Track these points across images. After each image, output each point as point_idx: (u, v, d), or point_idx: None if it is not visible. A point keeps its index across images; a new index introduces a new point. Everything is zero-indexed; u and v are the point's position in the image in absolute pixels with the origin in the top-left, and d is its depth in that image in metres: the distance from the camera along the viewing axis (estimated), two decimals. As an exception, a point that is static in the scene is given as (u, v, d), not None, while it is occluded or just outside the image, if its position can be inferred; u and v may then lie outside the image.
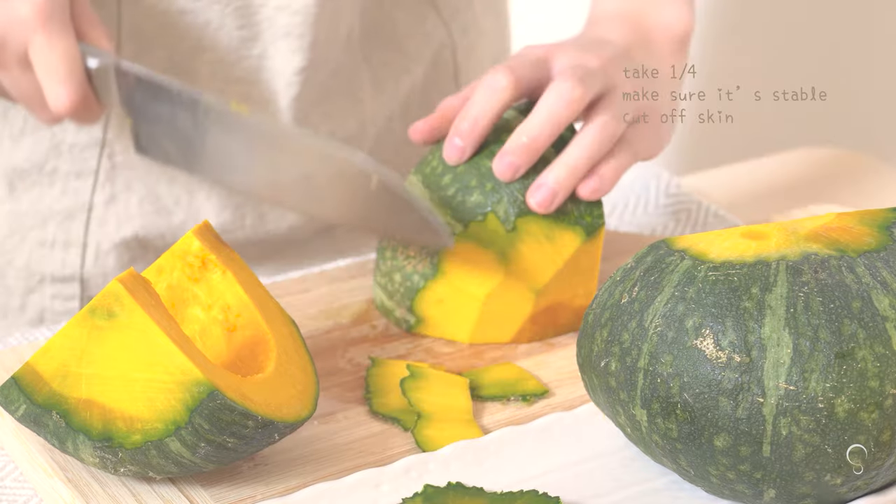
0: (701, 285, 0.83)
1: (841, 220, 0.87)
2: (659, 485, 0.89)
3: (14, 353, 1.01)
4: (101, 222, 1.20)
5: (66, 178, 1.18)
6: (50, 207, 1.19)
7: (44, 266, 1.21)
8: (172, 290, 0.93)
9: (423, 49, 1.27)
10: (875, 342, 0.80)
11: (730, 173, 1.39)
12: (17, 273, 1.21)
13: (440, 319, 1.05)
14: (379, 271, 1.07)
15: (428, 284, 1.04)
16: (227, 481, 0.90)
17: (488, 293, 1.03)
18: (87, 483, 0.89)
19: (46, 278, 1.21)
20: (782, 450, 0.81)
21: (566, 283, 1.05)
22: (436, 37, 1.28)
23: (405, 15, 1.25)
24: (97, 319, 0.85)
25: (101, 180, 1.19)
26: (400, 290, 1.05)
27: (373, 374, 1.00)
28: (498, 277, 1.03)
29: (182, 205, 1.20)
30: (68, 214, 1.19)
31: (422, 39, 1.27)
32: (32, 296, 1.22)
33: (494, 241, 1.02)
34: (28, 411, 0.85)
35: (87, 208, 1.19)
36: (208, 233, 0.94)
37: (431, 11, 1.27)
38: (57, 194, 1.19)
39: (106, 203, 1.19)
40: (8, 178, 1.18)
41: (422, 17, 1.26)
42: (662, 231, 1.24)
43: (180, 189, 1.20)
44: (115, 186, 1.19)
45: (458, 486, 0.87)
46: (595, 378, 0.87)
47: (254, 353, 0.92)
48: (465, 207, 1.02)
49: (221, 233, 1.22)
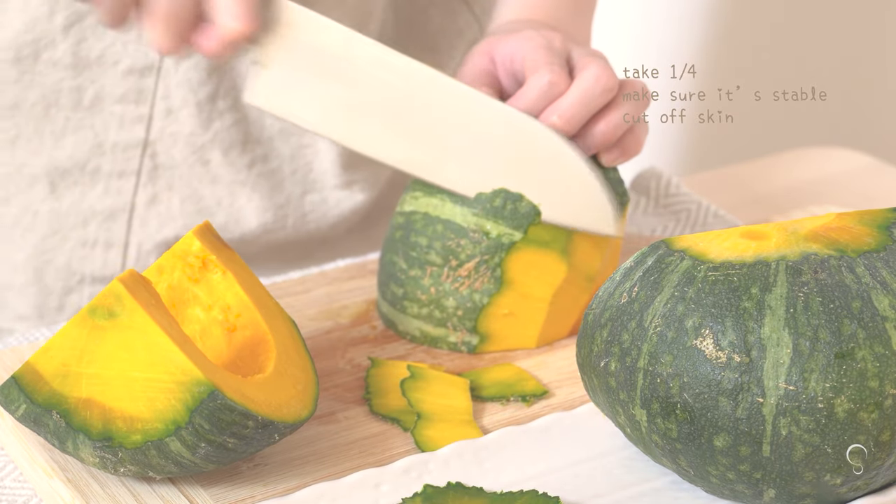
0: (701, 285, 0.83)
1: (841, 220, 0.87)
2: (659, 485, 0.89)
3: (14, 352, 1.01)
4: (142, 222, 1.19)
5: (108, 177, 1.18)
6: (92, 207, 1.19)
7: (84, 266, 1.20)
8: (173, 291, 0.93)
9: (455, 45, 1.27)
10: (875, 342, 0.80)
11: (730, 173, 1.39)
12: (56, 273, 1.21)
13: (507, 332, 1.04)
14: (416, 304, 1.04)
15: (493, 300, 1.03)
16: (226, 481, 0.90)
17: (554, 292, 1.03)
18: (86, 483, 0.89)
19: (86, 279, 1.21)
20: (782, 450, 0.81)
21: (608, 263, 1.06)
22: (468, 33, 1.28)
23: (438, 11, 1.25)
24: (98, 319, 0.85)
25: (143, 180, 1.18)
26: (456, 314, 1.03)
27: (372, 375, 1.00)
28: (561, 274, 1.03)
29: (224, 206, 1.20)
30: (110, 214, 1.19)
31: (454, 36, 1.27)
32: (71, 296, 1.21)
33: (556, 239, 1.03)
34: (28, 411, 0.85)
35: (128, 208, 1.19)
36: (209, 233, 0.94)
37: (463, 7, 1.27)
38: (99, 194, 1.19)
39: (147, 203, 1.19)
40: (49, 178, 1.18)
41: (454, 13, 1.26)
42: (662, 231, 1.24)
43: (223, 190, 1.20)
44: (156, 186, 1.19)
45: (457, 486, 0.87)
46: (595, 378, 0.87)
47: (254, 354, 0.92)
48: (519, 213, 1.02)
49: (263, 233, 1.22)
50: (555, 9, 1.14)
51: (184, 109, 1.17)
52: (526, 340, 1.05)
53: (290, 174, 1.21)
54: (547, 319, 1.04)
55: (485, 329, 1.04)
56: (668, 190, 1.27)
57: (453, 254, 1.02)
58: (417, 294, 1.04)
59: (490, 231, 1.01)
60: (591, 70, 1.02)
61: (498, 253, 1.02)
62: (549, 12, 1.13)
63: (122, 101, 1.16)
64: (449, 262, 1.02)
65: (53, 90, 1.15)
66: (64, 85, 1.15)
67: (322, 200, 1.23)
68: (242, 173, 1.20)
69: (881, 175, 1.38)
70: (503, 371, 1.02)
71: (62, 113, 1.16)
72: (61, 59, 1.15)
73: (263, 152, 1.20)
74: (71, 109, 1.16)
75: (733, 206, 1.29)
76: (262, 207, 1.21)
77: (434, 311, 1.04)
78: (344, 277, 1.13)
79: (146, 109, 1.16)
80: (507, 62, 1.05)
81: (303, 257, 1.26)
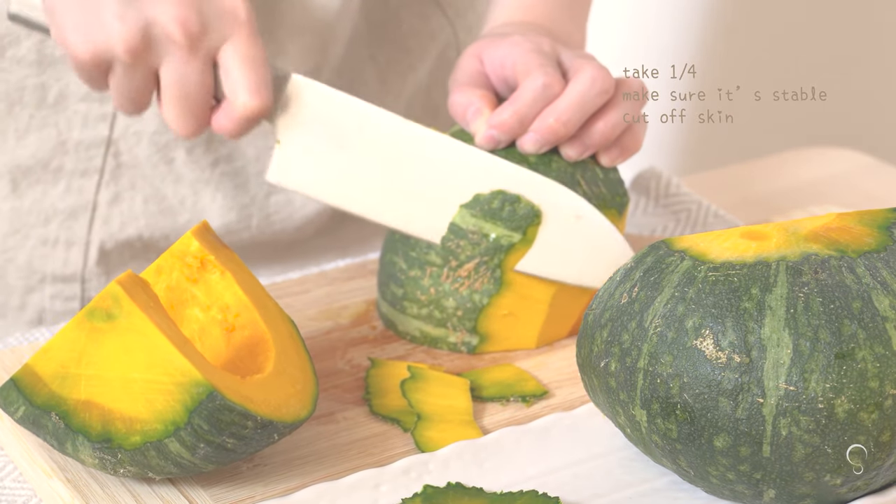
0: (701, 286, 0.83)
1: (841, 220, 0.87)
2: (659, 485, 0.89)
3: (13, 353, 1.01)
4: (104, 221, 1.19)
5: (70, 176, 1.18)
6: (53, 206, 1.19)
7: (45, 265, 1.20)
8: (171, 291, 0.93)
9: (428, 48, 1.27)
10: (875, 342, 0.80)
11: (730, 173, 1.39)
12: (17, 272, 1.21)
13: (507, 332, 1.04)
14: (416, 304, 1.04)
15: (492, 300, 1.03)
16: (226, 482, 0.90)
17: (554, 293, 1.03)
18: (86, 483, 0.89)
19: (47, 277, 1.21)
20: (782, 450, 0.80)
21: None
22: (441, 36, 1.28)
23: (410, 13, 1.25)
24: (96, 321, 0.84)
25: (106, 179, 1.18)
26: (456, 315, 1.03)
27: (372, 375, 1.00)
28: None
29: (187, 205, 1.20)
30: (71, 213, 1.19)
31: (427, 38, 1.27)
32: (32, 295, 1.21)
33: None
34: (27, 412, 0.85)
35: (90, 207, 1.19)
36: (207, 233, 0.94)
37: (436, 10, 1.27)
38: (61, 192, 1.18)
39: (110, 202, 1.19)
40: (11, 176, 1.18)
41: (426, 15, 1.26)
42: (662, 231, 1.24)
43: (186, 189, 1.20)
44: (119, 185, 1.18)
45: (457, 487, 0.86)
46: (595, 378, 0.87)
47: (253, 354, 0.92)
48: (517, 215, 1.02)
49: (226, 234, 1.21)
50: (549, 10, 1.14)
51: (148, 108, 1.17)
52: (526, 341, 1.04)
53: (255, 175, 1.20)
54: (547, 320, 1.04)
55: (485, 329, 1.04)
56: (668, 190, 1.27)
57: (453, 254, 1.02)
58: (417, 294, 1.04)
59: (489, 233, 1.01)
60: (586, 72, 1.02)
61: (497, 254, 1.02)
62: (543, 13, 1.13)
63: (86, 99, 1.16)
64: (449, 263, 1.02)
65: (17, 87, 1.15)
66: (28, 82, 1.15)
67: (287, 202, 1.23)
68: (206, 172, 1.19)
69: (881, 175, 1.38)
70: (503, 371, 1.02)
71: (26, 111, 1.16)
72: (25, 57, 1.14)
73: (228, 152, 1.20)
74: (35, 107, 1.16)
75: (733, 206, 1.29)
76: (225, 207, 1.20)
77: (434, 312, 1.04)
78: (344, 277, 1.13)
79: (110, 108, 1.16)
80: (498, 69, 1.05)
81: (269, 259, 1.25)
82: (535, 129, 1.02)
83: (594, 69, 1.02)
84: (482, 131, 1.02)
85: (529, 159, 1.02)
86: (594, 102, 1.02)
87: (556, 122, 1.01)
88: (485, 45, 1.07)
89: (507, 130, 1.02)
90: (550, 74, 1.02)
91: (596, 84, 1.01)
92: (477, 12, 1.31)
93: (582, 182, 1.03)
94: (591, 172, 1.04)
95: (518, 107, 1.01)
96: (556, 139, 1.02)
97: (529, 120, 1.02)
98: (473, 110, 1.03)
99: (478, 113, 1.03)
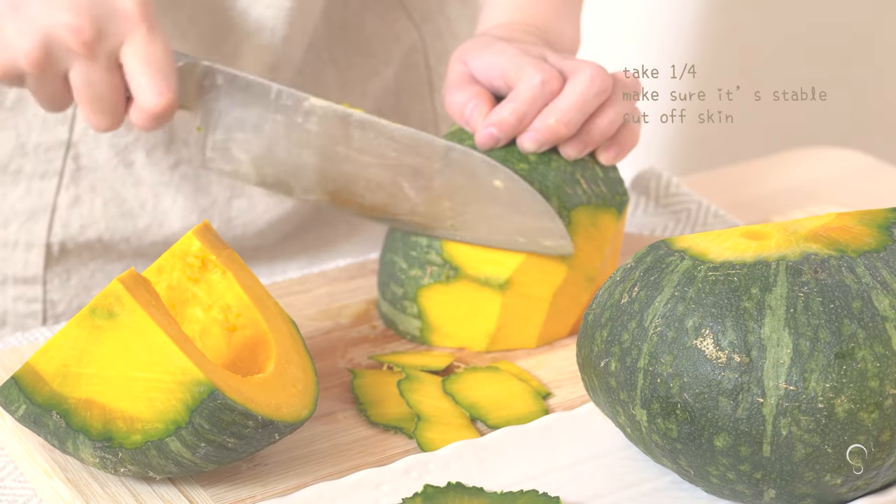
0: (701, 285, 0.83)
1: (841, 220, 0.87)
2: (659, 485, 0.89)
3: (14, 353, 1.01)
4: (64, 224, 1.18)
5: (30, 178, 1.17)
6: (12, 207, 1.18)
7: (6, 267, 1.19)
8: (172, 291, 0.93)
9: (392, 52, 1.26)
10: (875, 342, 0.80)
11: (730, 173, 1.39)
12: None
13: (507, 332, 1.04)
14: (416, 304, 1.04)
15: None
16: (226, 481, 0.90)
17: (554, 292, 1.03)
18: (87, 483, 0.89)
19: (9, 279, 1.20)
20: (782, 450, 0.81)
21: (607, 263, 1.06)
22: (406, 40, 1.27)
23: (373, 17, 1.24)
24: (97, 319, 0.84)
25: (66, 182, 1.17)
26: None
27: (360, 386, 0.99)
28: (561, 274, 1.03)
29: (147, 208, 1.19)
30: (31, 215, 1.18)
31: (391, 42, 1.26)
32: None
33: None
34: (28, 411, 0.85)
35: (50, 209, 1.18)
36: (208, 233, 0.94)
37: (401, 14, 1.26)
38: (20, 194, 1.17)
39: (70, 205, 1.18)
40: None
41: (390, 19, 1.25)
42: (662, 231, 1.24)
43: (147, 192, 1.19)
44: (79, 188, 1.18)
45: (457, 487, 0.87)
46: (595, 378, 0.87)
47: (254, 354, 0.92)
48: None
49: None
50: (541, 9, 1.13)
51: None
52: (526, 340, 1.04)
53: (217, 178, 1.20)
54: (547, 319, 1.04)
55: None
56: (668, 190, 1.27)
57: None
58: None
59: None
60: (585, 71, 1.01)
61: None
62: (535, 13, 1.13)
63: None
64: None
65: None
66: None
67: (250, 206, 1.22)
68: (166, 175, 1.19)
69: (881, 175, 1.38)
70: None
71: None
72: None
73: (188, 153, 1.19)
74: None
75: (733, 206, 1.29)
76: (186, 209, 1.19)
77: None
78: (344, 277, 1.13)
79: (70, 110, 1.15)
80: (487, 80, 1.05)
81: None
82: (536, 129, 1.01)
83: (592, 68, 1.02)
84: (481, 129, 1.02)
85: (529, 158, 1.02)
86: (594, 101, 1.02)
87: (558, 122, 1.01)
88: (468, 49, 1.06)
89: (507, 128, 1.02)
90: (547, 71, 1.01)
91: (595, 83, 1.01)
92: (447, 16, 1.30)
93: (582, 181, 1.03)
94: (591, 171, 1.04)
95: (517, 105, 1.01)
96: (556, 139, 1.01)
97: (529, 118, 1.01)
98: (471, 108, 1.03)
99: (476, 110, 1.03)
